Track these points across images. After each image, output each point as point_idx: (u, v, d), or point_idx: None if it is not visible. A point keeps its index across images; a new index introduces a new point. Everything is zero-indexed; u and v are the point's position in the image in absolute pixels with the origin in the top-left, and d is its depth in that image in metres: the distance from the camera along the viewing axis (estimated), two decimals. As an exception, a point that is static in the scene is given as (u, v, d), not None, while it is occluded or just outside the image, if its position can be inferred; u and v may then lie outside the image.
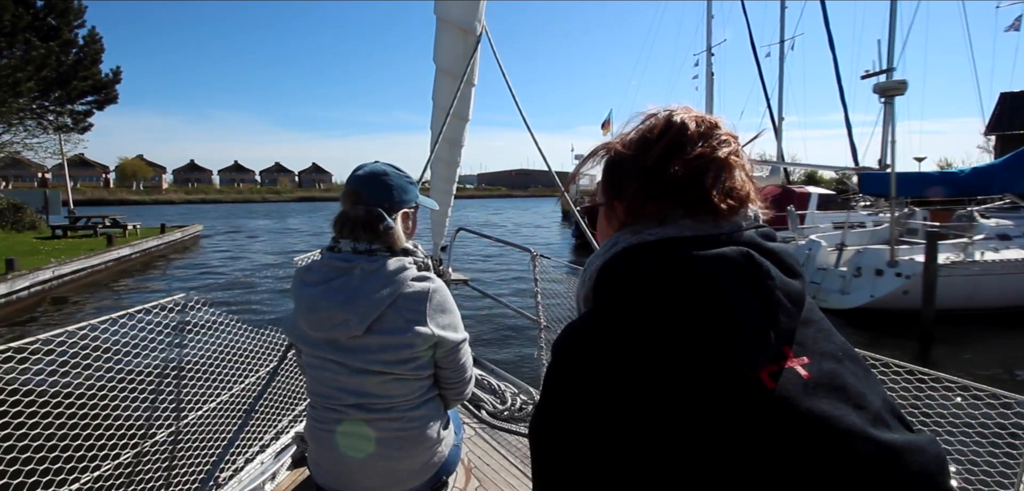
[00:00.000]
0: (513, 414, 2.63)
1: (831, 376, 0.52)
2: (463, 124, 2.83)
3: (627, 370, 0.50)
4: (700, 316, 0.50)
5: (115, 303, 10.29)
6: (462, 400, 1.43)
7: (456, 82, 2.41)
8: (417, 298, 1.21)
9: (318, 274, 1.21)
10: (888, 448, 0.48)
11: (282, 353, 1.92)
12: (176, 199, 66.74)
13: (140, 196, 64.07)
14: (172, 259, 16.81)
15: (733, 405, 0.48)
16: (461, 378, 1.34)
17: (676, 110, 0.62)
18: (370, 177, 1.26)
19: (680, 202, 0.57)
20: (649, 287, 0.53)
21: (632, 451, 0.48)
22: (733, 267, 0.51)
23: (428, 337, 1.20)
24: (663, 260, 0.54)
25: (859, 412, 0.50)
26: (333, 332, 1.18)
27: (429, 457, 1.30)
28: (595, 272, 0.61)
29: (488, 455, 2.31)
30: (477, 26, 2.38)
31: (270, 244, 22.09)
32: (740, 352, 0.49)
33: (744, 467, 0.46)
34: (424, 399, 1.28)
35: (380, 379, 1.21)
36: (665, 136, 0.60)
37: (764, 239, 0.57)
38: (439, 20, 2.40)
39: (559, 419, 0.54)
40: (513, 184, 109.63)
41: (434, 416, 1.31)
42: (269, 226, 31.72)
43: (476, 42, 2.39)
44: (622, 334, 0.52)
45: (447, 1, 2.36)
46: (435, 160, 2.84)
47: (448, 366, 1.29)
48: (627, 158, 0.62)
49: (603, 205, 0.66)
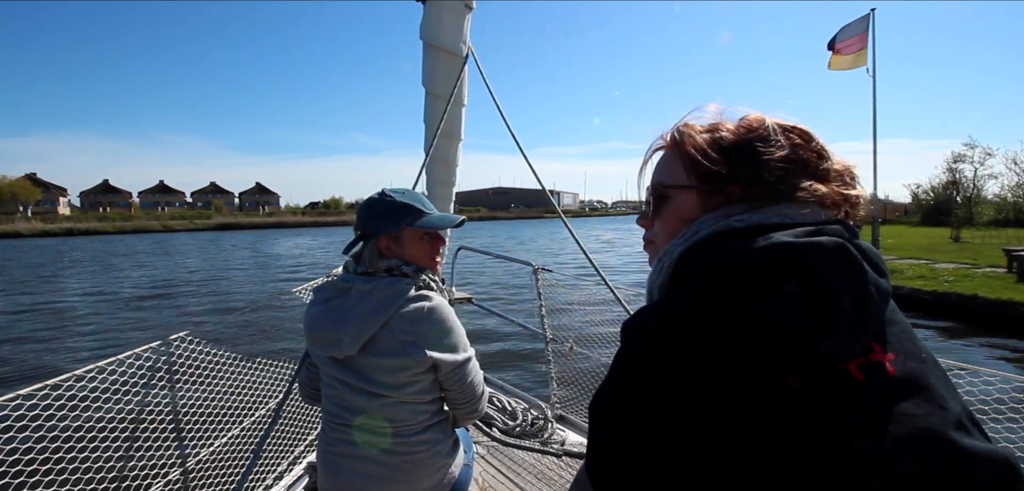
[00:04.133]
0: (525, 430, 2.61)
1: (916, 376, 0.52)
2: (456, 144, 2.86)
3: (713, 357, 0.49)
4: (795, 303, 0.49)
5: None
6: (475, 419, 1.42)
7: (445, 104, 2.44)
8: (412, 318, 1.20)
9: (323, 293, 1.26)
10: (968, 454, 0.48)
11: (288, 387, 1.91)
12: (53, 230, 48.86)
13: (17, 226, 47.64)
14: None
15: (823, 395, 0.48)
16: (471, 397, 1.31)
17: (743, 110, 0.64)
18: (365, 203, 1.32)
19: (771, 190, 0.57)
20: (741, 273, 0.52)
21: (712, 440, 0.47)
22: (830, 256, 0.50)
23: (423, 359, 1.19)
24: (755, 245, 0.52)
25: (942, 414, 0.49)
26: (329, 351, 1.21)
27: (440, 478, 1.29)
28: (677, 258, 0.59)
29: (501, 473, 2.28)
30: (463, 48, 2.42)
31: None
32: (835, 342, 0.48)
33: (830, 458, 0.46)
34: (431, 422, 1.27)
35: (381, 402, 1.21)
36: (759, 131, 0.60)
37: (851, 236, 0.56)
38: (425, 44, 2.43)
39: (631, 402, 0.51)
40: (492, 204, 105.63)
41: (443, 438, 1.30)
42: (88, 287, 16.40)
43: (462, 63, 2.43)
44: (711, 320, 0.51)
45: (433, 25, 2.40)
46: (431, 182, 2.86)
47: (454, 386, 1.27)
48: (735, 144, 0.61)
49: (680, 187, 0.64)
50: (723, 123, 0.63)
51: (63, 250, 32.75)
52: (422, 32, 2.41)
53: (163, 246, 35.46)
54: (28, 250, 32.87)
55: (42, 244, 39.12)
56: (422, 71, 2.52)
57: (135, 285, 16.58)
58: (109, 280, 18.00)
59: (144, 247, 34.62)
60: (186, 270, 21.14)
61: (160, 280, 17.79)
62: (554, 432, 2.59)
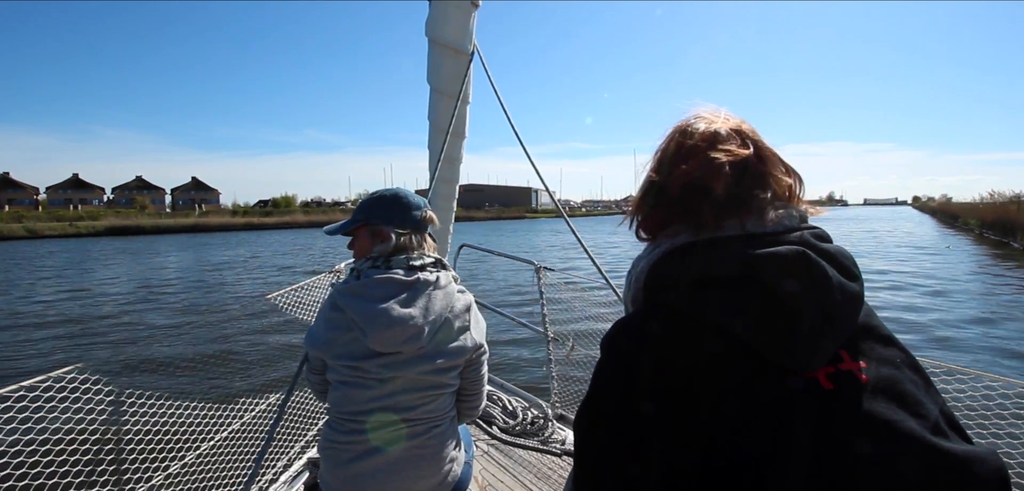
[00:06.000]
0: (525, 429, 2.61)
1: (889, 382, 0.51)
2: (461, 142, 2.86)
3: (679, 368, 0.50)
4: (754, 315, 0.49)
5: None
6: (476, 415, 1.45)
7: (451, 102, 2.44)
8: (464, 308, 1.29)
9: (383, 290, 1.21)
10: (947, 456, 0.47)
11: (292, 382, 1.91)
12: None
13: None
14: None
15: (789, 405, 0.48)
16: (478, 390, 1.39)
17: (701, 115, 0.63)
18: (407, 198, 1.35)
19: (722, 203, 0.57)
20: (700, 286, 0.53)
21: (683, 447, 0.48)
22: (787, 265, 0.50)
23: (473, 346, 1.28)
24: (713, 259, 0.54)
25: (918, 420, 0.49)
26: (405, 346, 1.18)
27: (444, 476, 1.30)
28: (643, 273, 0.60)
29: (502, 471, 2.28)
30: (469, 45, 2.42)
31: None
32: (796, 352, 0.48)
33: (800, 467, 0.46)
34: (443, 417, 1.30)
35: (425, 394, 1.24)
36: (692, 139, 0.60)
37: (818, 240, 0.56)
38: (431, 42, 2.43)
39: (606, 413, 0.53)
40: (465, 203, 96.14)
41: (449, 434, 1.32)
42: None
43: (468, 61, 2.43)
44: (675, 333, 0.52)
45: (439, 22, 2.40)
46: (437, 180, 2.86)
47: (472, 377, 1.35)
48: (664, 160, 0.63)
49: (640, 211, 0.66)
50: (662, 147, 0.64)
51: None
52: (428, 29, 2.41)
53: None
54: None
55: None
56: (427, 69, 2.52)
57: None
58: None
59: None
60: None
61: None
62: (555, 431, 2.59)
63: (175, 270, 19.10)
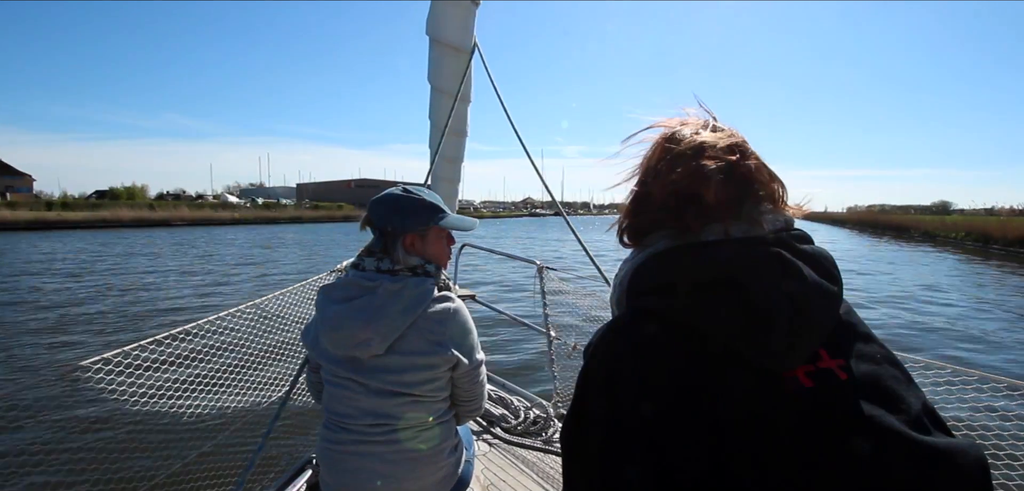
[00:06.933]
0: (527, 428, 2.60)
1: (870, 378, 0.52)
2: (462, 140, 2.85)
3: (661, 372, 0.51)
4: (731, 316, 0.50)
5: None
6: (476, 416, 1.43)
7: (450, 100, 2.44)
8: (439, 319, 1.21)
9: (343, 292, 1.21)
10: (928, 450, 0.48)
11: (294, 376, 1.91)
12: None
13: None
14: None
15: (769, 404, 0.48)
16: (476, 396, 1.34)
17: (687, 122, 0.64)
18: (388, 198, 1.28)
19: (709, 209, 0.58)
20: (680, 290, 0.54)
21: (668, 451, 0.48)
22: (762, 266, 0.52)
23: (449, 358, 1.21)
24: (693, 263, 0.55)
25: (898, 416, 0.49)
26: (354, 350, 1.18)
27: (443, 475, 1.29)
28: (626, 277, 0.61)
29: (503, 470, 2.28)
30: (469, 43, 2.41)
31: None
32: (773, 351, 0.49)
33: (782, 466, 0.46)
34: (439, 420, 1.28)
35: (398, 401, 1.21)
36: (679, 146, 0.60)
37: (798, 241, 0.57)
38: (432, 40, 2.43)
39: (593, 421, 0.54)
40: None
41: (448, 435, 1.30)
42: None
43: (468, 59, 2.42)
44: (656, 337, 0.53)
45: (439, 21, 2.39)
46: (436, 179, 2.86)
47: (465, 386, 1.30)
48: (651, 169, 0.63)
49: (627, 218, 0.67)
50: (649, 154, 0.65)
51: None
52: (428, 27, 2.40)
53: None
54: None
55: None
56: (428, 67, 2.52)
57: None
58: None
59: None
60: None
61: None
62: (557, 431, 2.58)
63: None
